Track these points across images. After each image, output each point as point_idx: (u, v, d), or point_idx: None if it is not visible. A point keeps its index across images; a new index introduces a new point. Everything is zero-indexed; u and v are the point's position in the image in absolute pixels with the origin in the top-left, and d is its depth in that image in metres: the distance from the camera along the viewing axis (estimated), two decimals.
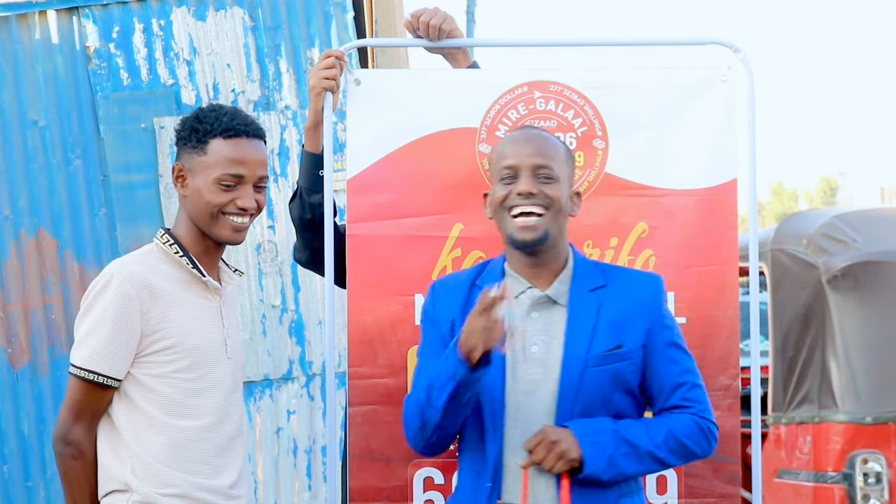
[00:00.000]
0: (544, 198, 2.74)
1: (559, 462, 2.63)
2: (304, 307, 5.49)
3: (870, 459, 4.71)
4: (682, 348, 2.82)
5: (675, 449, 2.73)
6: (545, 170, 2.76)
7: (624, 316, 2.76)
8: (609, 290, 2.79)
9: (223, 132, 2.79)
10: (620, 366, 2.73)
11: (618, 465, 2.67)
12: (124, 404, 2.73)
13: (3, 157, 5.39)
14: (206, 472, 2.76)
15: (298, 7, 5.54)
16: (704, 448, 2.78)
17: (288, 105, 5.50)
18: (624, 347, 2.73)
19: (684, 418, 2.75)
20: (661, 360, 2.77)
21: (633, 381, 2.75)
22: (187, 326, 2.75)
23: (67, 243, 5.41)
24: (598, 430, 2.67)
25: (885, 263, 4.81)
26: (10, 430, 5.30)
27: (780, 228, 5.22)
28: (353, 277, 3.18)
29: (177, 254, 2.79)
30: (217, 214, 2.79)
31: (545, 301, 2.76)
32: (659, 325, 2.78)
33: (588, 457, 2.64)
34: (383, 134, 3.23)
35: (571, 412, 2.69)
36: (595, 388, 2.70)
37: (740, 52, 3.24)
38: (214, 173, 2.77)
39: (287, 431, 5.50)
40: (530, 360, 2.73)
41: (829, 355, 4.79)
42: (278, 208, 5.46)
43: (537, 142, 2.81)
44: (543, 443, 2.64)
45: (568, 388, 2.70)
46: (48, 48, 5.45)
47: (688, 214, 3.22)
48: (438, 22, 3.28)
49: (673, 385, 2.77)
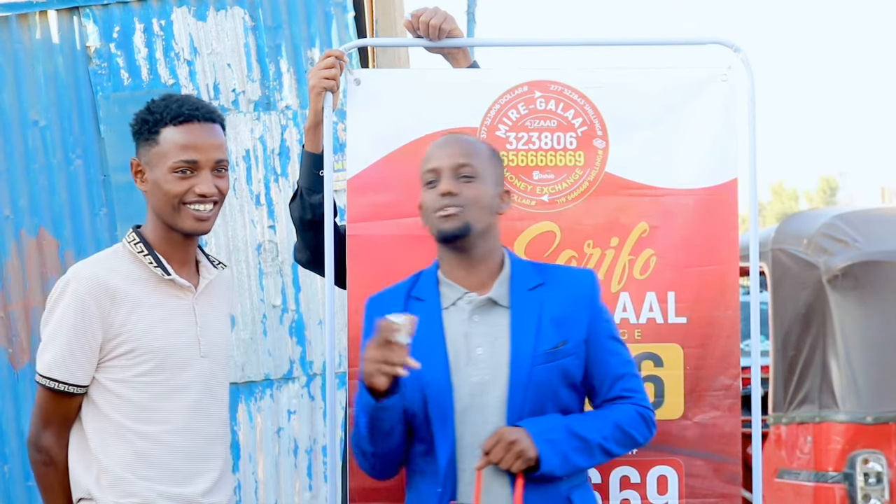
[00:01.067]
0: (463, 198, 2.77)
1: (517, 461, 2.66)
2: (304, 307, 5.49)
3: (870, 459, 4.70)
4: (620, 340, 2.89)
5: (620, 440, 2.80)
6: (466, 168, 2.80)
7: (565, 312, 2.80)
8: (547, 287, 2.82)
9: (172, 119, 2.72)
10: (566, 361, 2.77)
11: (571, 460, 2.72)
12: (92, 410, 2.70)
13: (4, 157, 5.39)
14: (174, 480, 2.70)
15: (299, 7, 5.54)
16: (646, 435, 2.85)
17: (288, 105, 5.50)
18: (568, 343, 2.77)
19: (626, 408, 2.81)
20: (603, 353, 2.82)
21: (577, 376, 2.80)
22: (151, 328, 2.69)
23: (68, 243, 5.41)
24: (552, 427, 2.71)
25: (885, 263, 4.81)
26: (11, 429, 5.30)
27: (780, 228, 5.22)
28: (353, 277, 3.18)
29: (140, 253, 2.73)
30: (178, 205, 2.72)
31: (486, 303, 2.80)
32: (598, 318, 2.84)
33: (544, 455, 2.67)
34: (383, 134, 3.23)
35: (521, 411, 2.72)
36: (544, 386, 2.74)
37: (740, 52, 3.24)
38: (168, 162, 2.71)
39: (288, 431, 5.50)
40: (475, 362, 2.76)
41: (829, 355, 4.79)
42: (279, 208, 5.46)
43: (458, 143, 2.85)
44: (501, 443, 2.67)
45: (517, 386, 2.73)
46: (49, 48, 5.45)
47: (688, 214, 3.22)
48: (438, 22, 3.28)
49: (614, 376, 2.83)
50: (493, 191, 2.83)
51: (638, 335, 3.20)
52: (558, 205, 3.24)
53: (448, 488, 2.73)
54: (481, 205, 2.79)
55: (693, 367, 3.21)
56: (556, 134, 3.25)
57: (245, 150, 5.44)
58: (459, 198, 2.77)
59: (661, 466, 3.18)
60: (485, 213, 2.80)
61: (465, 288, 2.81)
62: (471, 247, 2.81)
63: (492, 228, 2.83)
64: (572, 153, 3.26)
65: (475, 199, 2.78)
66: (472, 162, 2.80)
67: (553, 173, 3.25)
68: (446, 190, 2.78)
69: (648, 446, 3.14)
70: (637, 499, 3.18)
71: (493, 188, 2.83)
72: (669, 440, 3.18)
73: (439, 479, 2.73)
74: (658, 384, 3.20)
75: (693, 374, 3.21)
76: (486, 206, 2.80)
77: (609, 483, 3.17)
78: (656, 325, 3.21)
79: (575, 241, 3.22)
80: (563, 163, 3.25)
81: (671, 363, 3.21)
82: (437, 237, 2.81)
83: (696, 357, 3.21)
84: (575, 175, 3.25)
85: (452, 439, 2.73)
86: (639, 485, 3.19)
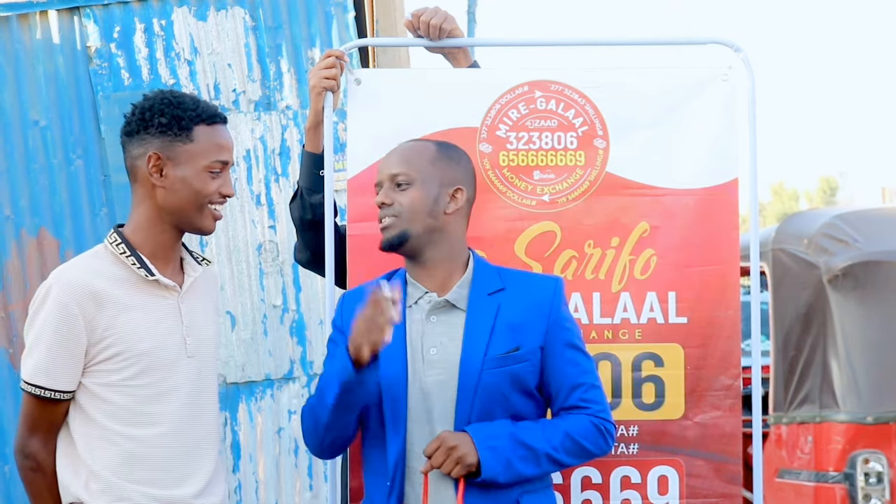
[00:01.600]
0: (398, 206, 2.81)
1: (457, 467, 2.67)
2: (305, 307, 5.49)
3: (871, 459, 4.71)
4: (581, 350, 2.86)
5: (571, 450, 2.78)
6: (400, 176, 2.83)
7: (521, 318, 2.79)
8: (507, 293, 2.82)
9: (207, 119, 2.72)
10: (518, 367, 2.77)
11: (515, 468, 2.71)
12: (79, 415, 2.66)
13: (5, 157, 5.39)
14: (164, 482, 2.67)
15: (299, 7, 5.54)
16: (602, 447, 2.83)
17: (289, 105, 5.50)
18: (521, 349, 2.77)
19: (581, 419, 2.79)
20: (560, 362, 2.81)
21: (531, 383, 2.80)
22: (137, 331, 2.66)
23: (69, 243, 5.40)
24: (496, 434, 2.71)
25: (885, 263, 4.81)
26: (11, 429, 5.29)
27: (780, 228, 5.22)
28: (353, 277, 3.18)
29: (123, 254, 2.69)
30: (204, 205, 2.72)
31: (444, 305, 2.81)
32: (557, 326, 2.82)
33: (485, 461, 2.67)
34: (384, 134, 3.22)
35: (470, 414, 2.73)
36: (493, 390, 2.74)
37: (741, 52, 3.24)
38: (204, 161, 2.70)
39: (288, 431, 5.50)
40: (429, 362, 2.77)
41: (830, 355, 4.79)
42: (279, 208, 5.46)
43: (398, 152, 2.89)
44: (441, 448, 2.68)
45: (466, 390, 2.74)
46: (49, 48, 5.44)
47: (689, 214, 3.22)
48: (439, 21, 3.28)
49: (570, 386, 2.81)
50: (434, 193, 2.83)
51: (638, 335, 3.20)
52: (559, 205, 3.24)
53: (396, 484, 2.74)
54: (416, 209, 2.80)
55: (694, 367, 3.21)
56: (556, 134, 3.25)
57: (245, 150, 5.43)
58: (393, 207, 2.81)
59: (661, 466, 3.18)
60: (424, 216, 2.81)
61: (426, 288, 2.83)
62: (418, 252, 2.83)
63: (442, 230, 2.83)
64: (573, 153, 3.25)
65: (409, 205, 2.80)
66: (406, 169, 2.83)
67: (553, 173, 3.25)
68: (379, 201, 2.84)
69: (649, 446, 3.14)
70: (638, 499, 3.18)
71: (436, 189, 2.83)
72: (670, 440, 3.18)
73: (388, 474, 2.75)
74: (659, 384, 3.20)
75: (694, 374, 3.21)
76: (424, 209, 2.81)
77: (609, 483, 3.17)
78: (657, 325, 3.21)
79: (575, 241, 3.22)
80: (564, 162, 3.25)
81: (672, 363, 3.21)
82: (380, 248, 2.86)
83: (697, 357, 3.21)
84: (575, 175, 3.25)
85: (403, 437, 2.75)
86: (639, 485, 3.19)
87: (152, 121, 2.71)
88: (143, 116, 2.73)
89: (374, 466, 2.81)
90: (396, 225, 2.80)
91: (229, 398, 5.40)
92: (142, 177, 2.73)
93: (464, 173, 2.90)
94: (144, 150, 2.72)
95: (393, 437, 2.75)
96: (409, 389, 2.76)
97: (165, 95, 2.74)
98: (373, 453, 2.82)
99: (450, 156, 2.90)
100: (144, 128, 2.72)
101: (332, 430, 2.76)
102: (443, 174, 2.86)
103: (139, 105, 2.76)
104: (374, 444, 2.81)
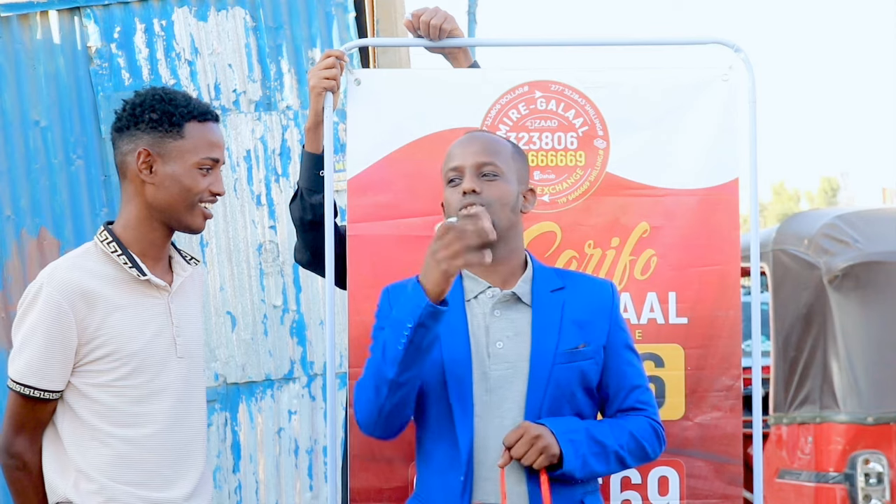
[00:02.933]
0: (486, 197, 2.73)
1: (541, 457, 2.63)
2: (305, 307, 5.49)
3: (871, 460, 4.70)
4: (636, 353, 2.86)
5: (634, 451, 2.77)
6: (488, 166, 2.77)
7: (586, 316, 2.78)
8: (569, 291, 2.81)
9: (198, 115, 2.69)
10: (585, 364, 2.75)
11: (590, 464, 2.69)
12: (68, 416, 2.63)
13: (5, 157, 5.39)
14: (154, 484, 2.65)
15: (300, 7, 5.54)
16: (656, 450, 2.82)
17: (289, 105, 5.50)
18: (588, 346, 2.76)
19: (641, 421, 2.79)
20: (619, 362, 2.80)
21: (594, 381, 2.78)
22: (127, 331, 2.63)
23: (69, 243, 5.40)
24: (573, 428, 2.69)
25: (886, 264, 4.81)
26: None
27: (781, 229, 5.22)
28: (353, 277, 3.18)
29: (114, 252, 2.67)
30: (194, 202, 2.68)
31: (509, 299, 2.77)
32: (617, 327, 2.82)
33: (567, 454, 2.64)
34: (384, 134, 3.23)
35: (540, 409, 2.70)
36: (563, 385, 2.72)
37: (741, 52, 3.24)
38: (195, 157, 2.67)
39: (288, 432, 5.50)
40: (495, 356, 2.73)
41: (830, 355, 4.79)
42: (279, 208, 5.46)
43: (480, 141, 2.82)
44: (525, 438, 2.63)
45: (537, 384, 2.70)
46: (50, 48, 5.45)
47: (689, 214, 3.22)
48: (439, 21, 3.28)
49: (629, 387, 2.80)
50: (516, 189, 2.80)
51: (639, 335, 3.20)
52: (559, 205, 3.24)
53: (469, 479, 2.68)
54: (504, 203, 2.76)
55: (694, 367, 3.20)
56: (556, 134, 3.25)
57: (246, 150, 5.43)
58: (482, 196, 2.73)
59: (662, 467, 3.18)
60: (507, 211, 2.77)
61: (488, 283, 2.79)
62: (493, 246, 2.75)
63: (514, 228, 2.81)
64: (573, 153, 3.25)
65: (498, 198, 2.75)
66: (495, 160, 2.78)
67: (554, 173, 3.25)
68: (469, 188, 2.74)
69: None
70: (638, 500, 3.17)
71: (517, 186, 2.81)
72: (670, 441, 3.16)
73: (461, 468, 2.67)
74: (659, 384, 3.19)
75: (694, 375, 3.20)
76: (509, 204, 2.77)
77: (610, 484, 3.17)
78: (657, 325, 3.21)
79: (576, 242, 3.22)
80: (564, 163, 3.25)
81: (672, 363, 3.20)
82: None
83: (698, 357, 3.21)
84: (576, 175, 3.25)
85: (471, 430, 2.69)
86: (640, 486, 3.18)
87: (143, 117, 2.68)
88: (134, 112, 2.70)
89: (440, 463, 2.72)
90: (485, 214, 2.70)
91: (229, 398, 5.40)
92: (132, 174, 2.70)
93: (528, 174, 2.90)
94: (134, 146, 2.69)
95: (463, 431, 2.68)
96: (475, 384, 2.71)
97: (157, 92, 2.72)
98: (438, 448, 2.72)
99: (522, 155, 2.88)
100: (135, 124, 2.69)
101: (396, 389, 2.59)
102: (520, 171, 2.84)
103: (129, 101, 2.73)
104: (438, 439, 2.72)
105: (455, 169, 2.79)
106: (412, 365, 2.57)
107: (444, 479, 2.70)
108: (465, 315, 2.76)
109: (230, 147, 5.37)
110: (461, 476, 2.67)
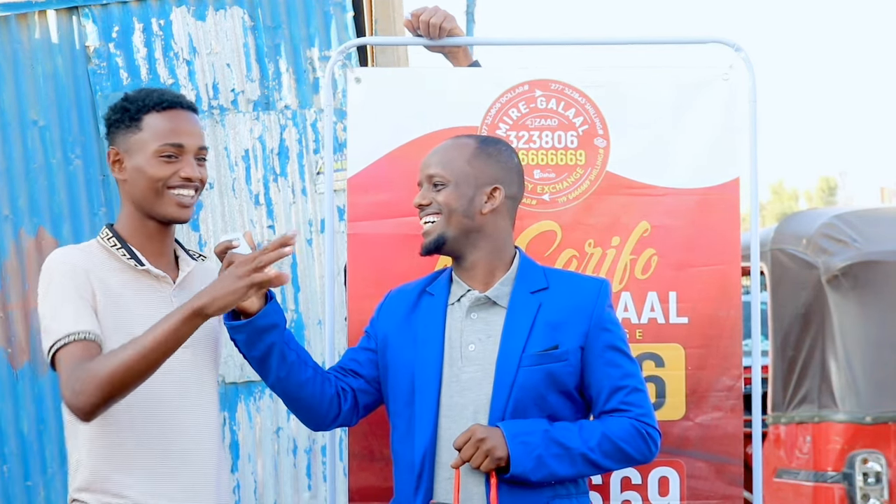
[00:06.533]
0: (436, 205, 2.81)
1: (486, 460, 2.65)
2: (304, 307, 5.48)
3: (869, 459, 4.71)
4: (625, 352, 2.82)
5: (610, 452, 2.73)
6: (436, 177, 2.83)
7: (562, 317, 2.77)
8: (550, 292, 2.81)
9: (156, 105, 2.71)
10: (555, 366, 2.74)
11: (547, 465, 2.67)
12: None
13: (3, 156, 5.38)
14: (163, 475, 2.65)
15: (298, 7, 5.53)
16: (644, 452, 2.78)
17: (287, 105, 5.49)
18: (560, 348, 2.75)
19: (622, 422, 2.75)
20: (599, 363, 2.78)
21: (569, 383, 2.77)
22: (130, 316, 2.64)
23: (67, 243, 5.35)
24: (529, 430, 2.68)
25: (884, 263, 4.81)
26: (10, 429, 5.29)
27: (779, 228, 5.22)
28: (353, 276, 3.17)
29: (114, 247, 2.71)
30: (161, 190, 2.69)
31: (484, 302, 2.80)
32: (598, 327, 2.79)
33: (515, 456, 2.64)
34: (384, 133, 3.23)
35: (504, 411, 2.71)
36: (529, 388, 2.72)
37: (741, 51, 3.24)
38: (153, 146, 2.68)
39: (287, 431, 5.49)
40: (466, 358, 2.77)
41: (828, 355, 4.79)
42: (278, 208, 5.45)
43: (436, 154, 2.88)
44: (471, 440, 2.65)
45: (502, 386, 2.72)
46: (48, 48, 5.44)
47: (690, 214, 3.22)
48: (438, 21, 3.28)
49: (611, 388, 2.77)
50: (471, 192, 2.81)
51: (639, 335, 3.20)
52: (559, 204, 3.23)
53: (424, 479, 2.73)
54: (452, 209, 2.80)
55: (695, 367, 3.20)
56: (556, 133, 3.25)
57: (244, 149, 5.43)
58: (432, 206, 2.82)
59: (662, 467, 3.17)
60: (459, 216, 2.80)
61: (469, 286, 2.82)
62: (457, 252, 2.83)
63: (480, 230, 2.82)
64: (573, 152, 3.25)
65: (445, 205, 2.80)
66: (441, 171, 2.82)
67: (554, 172, 3.24)
68: (417, 202, 2.85)
69: None
70: (638, 500, 3.17)
71: (473, 190, 2.81)
72: (671, 441, 3.17)
73: (415, 469, 2.73)
74: (659, 384, 3.19)
75: (695, 375, 3.20)
76: (459, 209, 2.80)
77: (610, 484, 3.17)
78: (657, 325, 3.20)
79: (576, 241, 3.22)
80: (564, 162, 3.25)
81: (672, 363, 3.20)
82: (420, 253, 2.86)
83: (698, 357, 3.20)
84: (576, 174, 3.24)
85: (432, 432, 2.73)
86: (640, 486, 3.18)
87: (110, 119, 2.76)
88: (106, 118, 2.78)
89: (403, 462, 2.80)
90: (435, 229, 2.80)
91: (228, 398, 5.40)
92: (114, 175, 2.77)
93: (503, 171, 2.86)
94: (109, 149, 2.77)
95: (420, 432, 2.74)
96: (444, 385, 2.75)
97: (126, 93, 2.78)
98: (401, 449, 2.80)
99: (489, 153, 2.86)
100: (108, 128, 2.77)
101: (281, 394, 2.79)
102: (479, 173, 2.83)
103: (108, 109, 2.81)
104: (402, 440, 2.80)
105: (419, 184, 2.88)
106: (267, 372, 2.75)
107: (405, 479, 2.78)
108: (443, 318, 2.80)
109: (228, 147, 5.36)
110: (414, 477, 2.74)
